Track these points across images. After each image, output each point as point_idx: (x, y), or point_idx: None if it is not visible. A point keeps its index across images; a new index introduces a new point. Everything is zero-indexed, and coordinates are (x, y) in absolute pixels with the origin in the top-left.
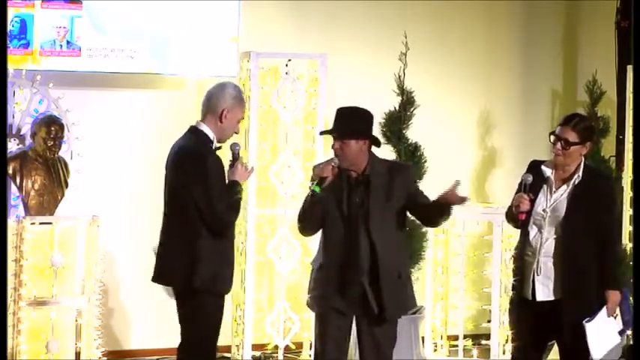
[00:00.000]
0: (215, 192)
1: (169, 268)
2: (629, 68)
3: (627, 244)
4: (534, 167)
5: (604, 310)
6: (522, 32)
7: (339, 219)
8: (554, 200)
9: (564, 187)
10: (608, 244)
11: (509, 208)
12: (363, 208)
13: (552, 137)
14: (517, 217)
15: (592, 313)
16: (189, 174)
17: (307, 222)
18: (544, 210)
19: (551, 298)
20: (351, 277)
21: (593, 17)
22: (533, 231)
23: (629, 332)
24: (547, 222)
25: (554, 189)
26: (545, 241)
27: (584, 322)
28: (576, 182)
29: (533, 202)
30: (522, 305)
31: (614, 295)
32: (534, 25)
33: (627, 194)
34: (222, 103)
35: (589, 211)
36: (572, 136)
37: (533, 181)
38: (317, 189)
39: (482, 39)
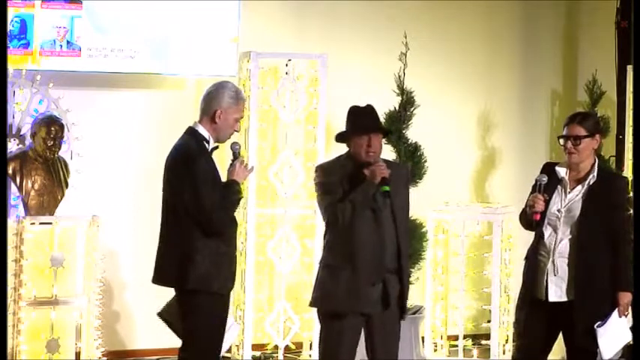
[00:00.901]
0: (203, 192)
1: (166, 269)
2: (629, 68)
3: None
4: (548, 168)
5: (615, 311)
6: (522, 32)
7: (370, 218)
8: (569, 200)
9: (579, 187)
10: (621, 246)
11: (523, 209)
12: (386, 207)
13: (561, 139)
14: (532, 218)
15: (604, 315)
16: (179, 175)
17: (350, 218)
18: (559, 210)
19: (564, 299)
20: (376, 276)
21: (593, 17)
22: (547, 231)
23: None
24: (562, 222)
25: (568, 189)
26: (560, 241)
27: (595, 326)
28: (591, 182)
29: (547, 202)
30: (533, 305)
31: (625, 297)
32: (534, 25)
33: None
34: (215, 104)
35: (603, 212)
36: (581, 131)
37: (548, 182)
38: (386, 188)
39: (482, 39)
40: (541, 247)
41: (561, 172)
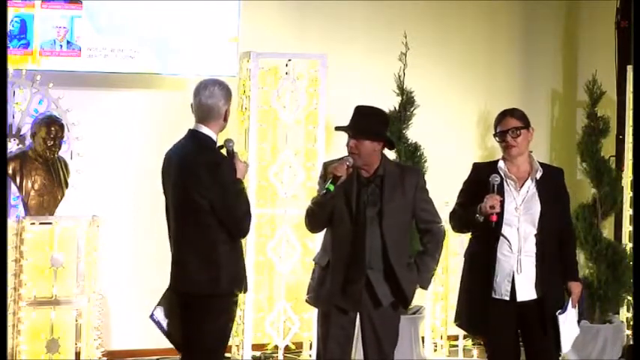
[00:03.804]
0: (233, 200)
1: (189, 276)
2: (629, 68)
3: (627, 244)
4: (486, 168)
5: (569, 301)
6: (522, 32)
7: (348, 217)
8: (522, 198)
9: (528, 182)
10: (571, 237)
11: (454, 211)
12: (374, 207)
13: (498, 136)
14: (489, 219)
15: (564, 305)
16: (207, 184)
17: (317, 219)
18: (516, 208)
19: (534, 297)
20: (356, 274)
21: (593, 17)
22: (507, 230)
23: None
24: (522, 220)
25: (518, 186)
26: (525, 239)
27: (557, 313)
28: (538, 177)
29: (502, 202)
30: (493, 306)
31: (577, 287)
32: (534, 25)
33: (627, 194)
34: (223, 105)
35: (556, 206)
36: (517, 123)
37: (484, 182)
38: (331, 187)
39: (483, 39)
40: (502, 246)
41: (505, 169)
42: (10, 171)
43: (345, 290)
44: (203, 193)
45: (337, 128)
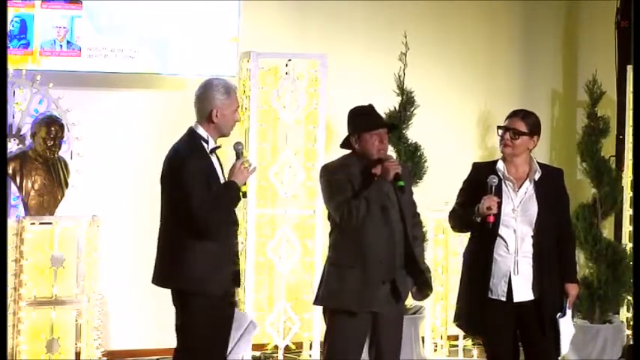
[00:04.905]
0: (192, 192)
1: (160, 269)
2: (629, 68)
3: (627, 244)
4: (485, 168)
5: (567, 303)
6: (522, 32)
7: (379, 215)
8: (520, 199)
9: (526, 184)
10: (570, 237)
11: (453, 210)
12: (393, 204)
13: (500, 130)
14: (486, 220)
15: (561, 307)
16: (172, 174)
17: (362, 216)
18: (513, 210)
19: (531, 298)
20: (386, 275)
21: (593, 17)
22: (504, 232)
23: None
24: (519, 221)
25: (516, 188)
26: (522, 240)
27: (557, 316)
28: (536, 178)
29: (499, 203)
30: (491, 307)
31: (574, 289)
32: (534, 25)
33: (627, 194)
34: (208, 105)
35: (554, 207)
36: (521, 126)
37: (481, 182)
38: (401, 184)
39: (483, 39)
40: (499, 246)
41: (504, 170)
42: (10, 171)
43: (373, 291)
44: (170, 186)
45: (345, 140)
